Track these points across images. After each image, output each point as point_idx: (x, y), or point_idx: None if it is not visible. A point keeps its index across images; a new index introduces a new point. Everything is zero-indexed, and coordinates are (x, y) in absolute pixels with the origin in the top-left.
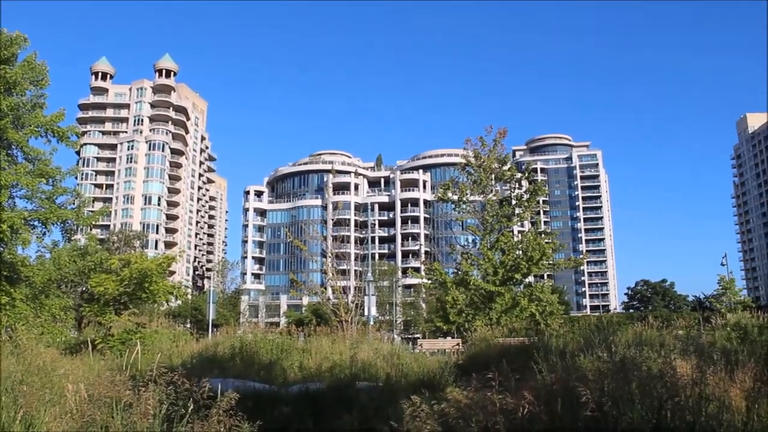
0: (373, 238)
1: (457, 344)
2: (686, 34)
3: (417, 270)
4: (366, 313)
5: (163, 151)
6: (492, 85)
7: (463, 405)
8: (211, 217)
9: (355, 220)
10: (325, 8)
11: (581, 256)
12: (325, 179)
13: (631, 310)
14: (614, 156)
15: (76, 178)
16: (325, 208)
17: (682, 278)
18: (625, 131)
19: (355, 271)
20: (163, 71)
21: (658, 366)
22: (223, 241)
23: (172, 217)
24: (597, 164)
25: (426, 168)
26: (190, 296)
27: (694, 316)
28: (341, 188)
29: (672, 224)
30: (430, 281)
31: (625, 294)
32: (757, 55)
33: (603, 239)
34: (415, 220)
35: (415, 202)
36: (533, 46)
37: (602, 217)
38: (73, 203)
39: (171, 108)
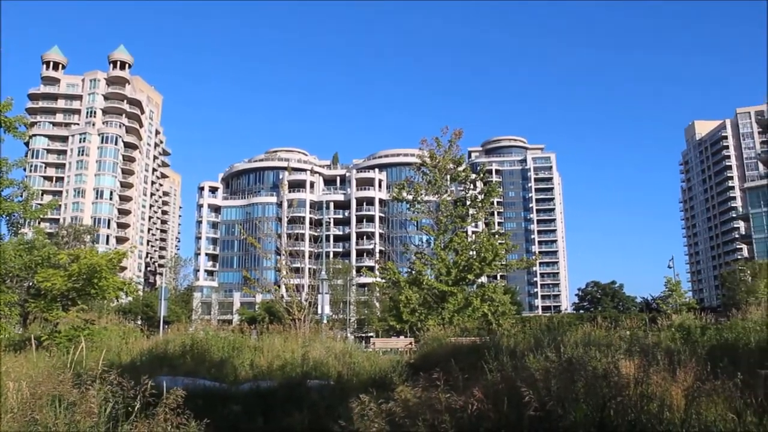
0: (327, 237)
1: (410, 343)
2: (640, 39)
3: (371, 269)
4: (319, 311)
5: (116, 144)
6: (451, 85)
7: (411, 404)
8: (164, 212)
9: (311, 218)
10: (282, 7)
11: (533, 257)
12: (280, 176)
13: (581, 311)
14: (568, 159)
15: (25, 169)
16: (280, 205)
17: (632, 280)
18: (578, 136)
19: (310, 269)
20: (118, 63)
21: (603, 366)
22: (177, 237)
23: (124, 212)
24: (551, 167)
25: (382, 167)
26: (141, 293)
27: (641, 317)
28: (297, 186)
29: (622, 227)
30: (383, 280)
31: (576, 295)
32: (707, 63)
33: (555, 241)
34: (371, 219)
35: (370, 201)
36: (492, 46)
37: (555, 219)
38: (21, 196)
39: (125, 101)
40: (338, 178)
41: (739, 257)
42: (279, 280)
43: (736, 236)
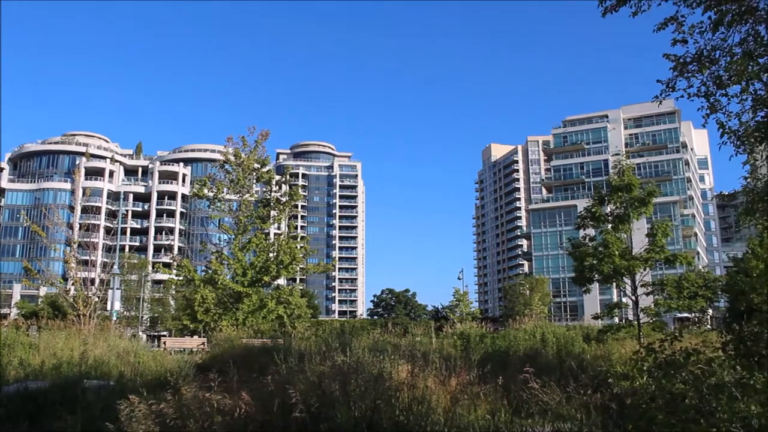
0: (124, 229)
1: (202, 343)
2: (448, 56)
3: (167, 266)
4: (109, 307)
5: None
6: (267, 85)
7: (183, 405)
8: None
9: (107, 209)
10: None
11: (332, 263)
12: (77, 162)
13: (375, 317)
14: (372, 170)
15: None
16: (74, 192)
17: (425, 289)
18: (384, 147)
19: (103, 262)
20: None
21: (378, 370)
22: None
23: None
24: (356, 175)
25: (187, 161)
26: None
27: (428, 324)
28: (95, 173)
29: (421, 238)
30: (179, 278)
31: (371, 301)
32: (509, 89)
33: (356, 248)
34: (171, 213)
35: (172, 196)
36: (309, 50)
37: (357, 227)
38: None
39: None
40: (140, 169)
41: (521, 272)
42: (66, 273)
43: (519, 253)
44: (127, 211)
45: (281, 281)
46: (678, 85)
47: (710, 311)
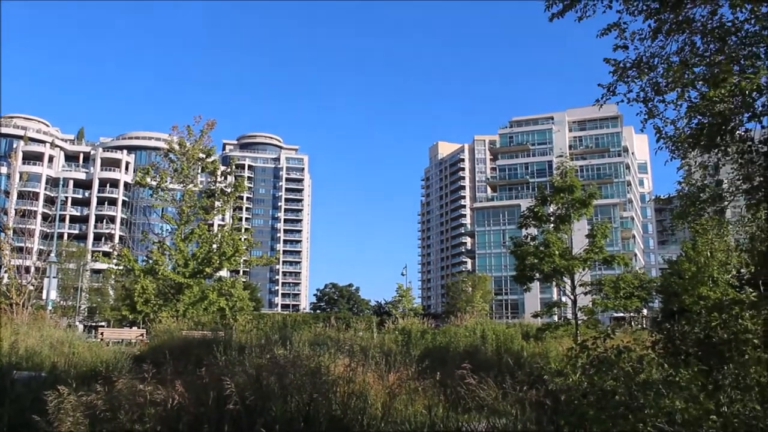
0: (63, 217)
1: (142, 335)
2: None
3: (107, 255)
4: (44, 296)
5: None
6: (214, 76)
7: (114, 396)
8: None
9: (46, 195)
10: None
11: (275, 255)
12: (15, 145)
13: (318, 311)
14: (319, 164)
15: None
16: (10, 177)
17: (370, 284)
18: (332, 142)
19: (39, 250)
20: None
21: (315, 363)
22: None
23: None
24: (303, 168)
25: (131, 149)
26: None
27: (370, 319)
28: (33, 158)
29: (367, 233)
30: (118, 267)
31: (315, 295)
32: (449, 95)
33: (300, 241)
34: (113, 202)
35: (114, 183)
36: (261, 44)
37: (302, 220)
38: None
39: None
40: (82, 155)
41: (464, 270)
42: None
43: (463, 251)
44: (66, 197)
45: (223, 273)
46: (618, 90)
47: (645, 311)
